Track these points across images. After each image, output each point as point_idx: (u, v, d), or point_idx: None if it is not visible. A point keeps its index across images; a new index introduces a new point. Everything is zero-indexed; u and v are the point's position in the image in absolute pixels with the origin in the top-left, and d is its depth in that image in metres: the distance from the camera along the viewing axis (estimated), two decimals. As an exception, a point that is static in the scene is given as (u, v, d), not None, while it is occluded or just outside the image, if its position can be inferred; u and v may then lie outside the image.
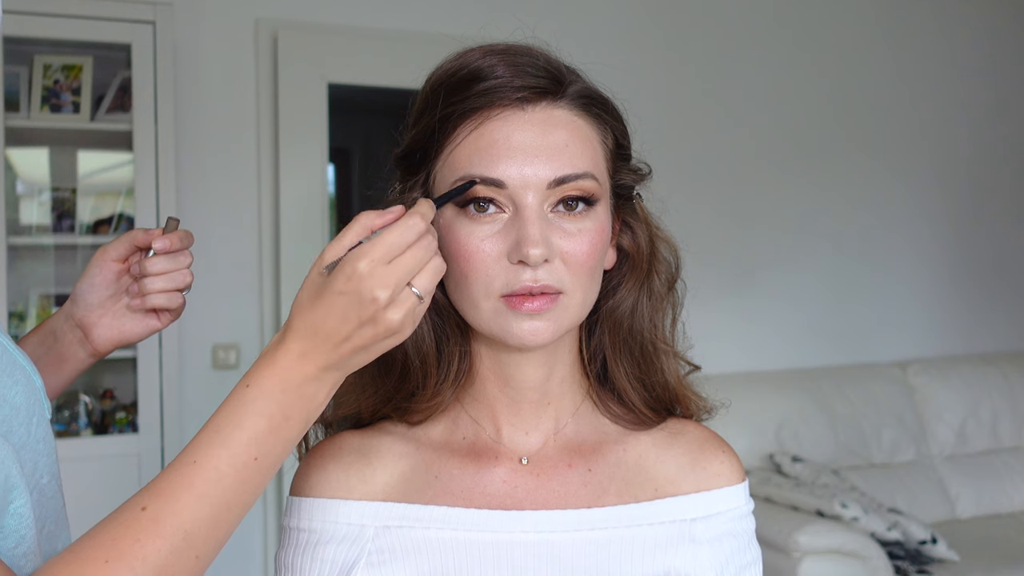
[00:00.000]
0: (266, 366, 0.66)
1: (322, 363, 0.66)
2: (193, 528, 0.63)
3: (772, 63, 3.50)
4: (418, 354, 0.80)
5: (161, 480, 0.64)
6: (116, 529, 0.62)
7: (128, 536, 0.61)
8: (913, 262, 3.75)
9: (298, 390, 0.66)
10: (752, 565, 0.81)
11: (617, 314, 0.82)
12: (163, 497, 0.63)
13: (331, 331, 0.65)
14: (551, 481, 0.79)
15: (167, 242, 0.88)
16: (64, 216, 2.68)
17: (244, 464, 0.64)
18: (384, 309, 0.64)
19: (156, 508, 0.62)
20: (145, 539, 0.61)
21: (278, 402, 0.65)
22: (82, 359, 0.95)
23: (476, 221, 0.74)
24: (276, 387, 0.65)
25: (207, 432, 0.65)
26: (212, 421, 0.66)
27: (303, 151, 2.85)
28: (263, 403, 0.65)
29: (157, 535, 0.62)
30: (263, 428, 0.65)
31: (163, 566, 0.61)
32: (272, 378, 0.65)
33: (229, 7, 2.83)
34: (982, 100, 3.89)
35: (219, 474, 0.64)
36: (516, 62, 0.75)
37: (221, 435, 0.64)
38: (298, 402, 0.66)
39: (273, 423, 0.65)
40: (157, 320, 0.94)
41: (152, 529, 0.62)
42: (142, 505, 0.63)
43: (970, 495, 3.34)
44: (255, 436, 0.65)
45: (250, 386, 0.66)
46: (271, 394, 0.65)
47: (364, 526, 0.77)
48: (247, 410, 0.65)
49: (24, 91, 2.58)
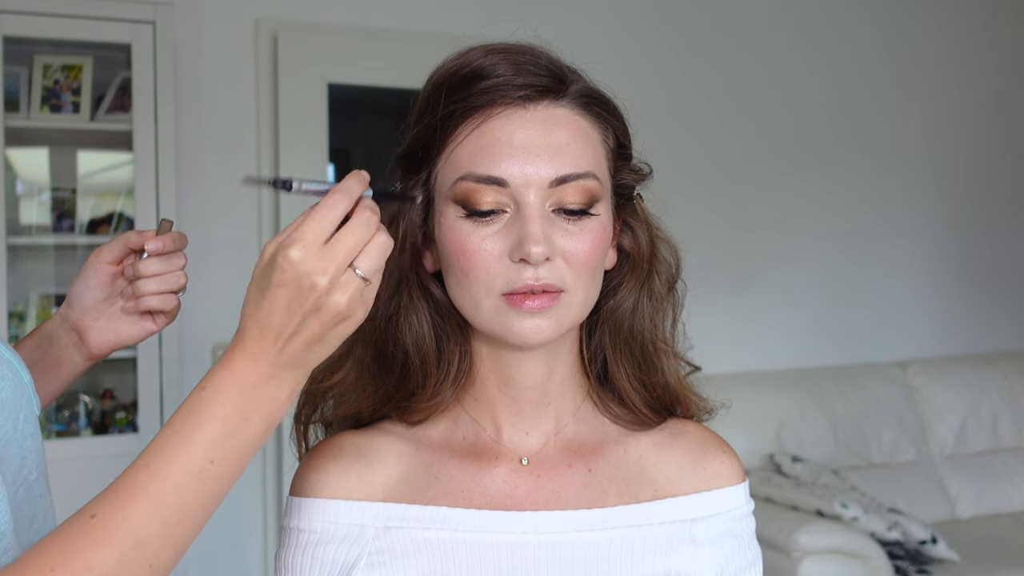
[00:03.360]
0: (222, 369, 0.64)
1: (275, 362, 0.64)
2: (145, 535, 0.60)
3: (772, 63, 3.50)
4: (418, 353, 0.80)
5: (113, 487, 0.62)
6: (64, 539, 0.60)
7: (76, 545, 0.59)
8: (913, 262, 3.75)
9: (256, 392, 0.64)
10: (752, 565, 0.81)
11: (618, 314, 0.82)
12: (114, 505, 0.61)
13: (277, 328, 0.63)
14: (551, 482, 0.79)
15: (160, 244, 0.88)
16: (64, 216, 2.67)
17: (200, 468, 0.62)
18: (327, 295, 0.62)
19: (106, 516, 0.60)
20: (93, 547, 0.59)
21: (235, 405, 0.63)
22: (78, 362, 0.94)
23: (477, 221, 0.74)
24: (233, 390, 0.63)
25: (161, 437, 0.63)
26: (168, 426, 0.64)
27: (303, 151, 2.85)
28: (218, 407, 0.63)
29: (105, 543, 0.59)
30: (219, 431, 0.63)
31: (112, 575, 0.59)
32: (227, 381, 0.64)
33: (229, 7, 2.82)
34: (981, 100, 3.89)
35: (172, 479, 0.61)
36: (518, 61, 0.75)
37: (176, 438, 0.62)
38: (257, 404, 0.64)
39: (230, 426, 0.63)
40: (152, 322, 0.93)
41: (101, 537, 0.59)
42: (91, 513, 0.60)
43: (970, 495, 3.34)
44: (211, 439, 0.63)
45: (206, 389, 0.64)
46: (228, 397, 0.63)
47: (364, 526, 0.77)
48: (203, 415, 0.63)
49: (24, 91, 2.58)
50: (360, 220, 0.63)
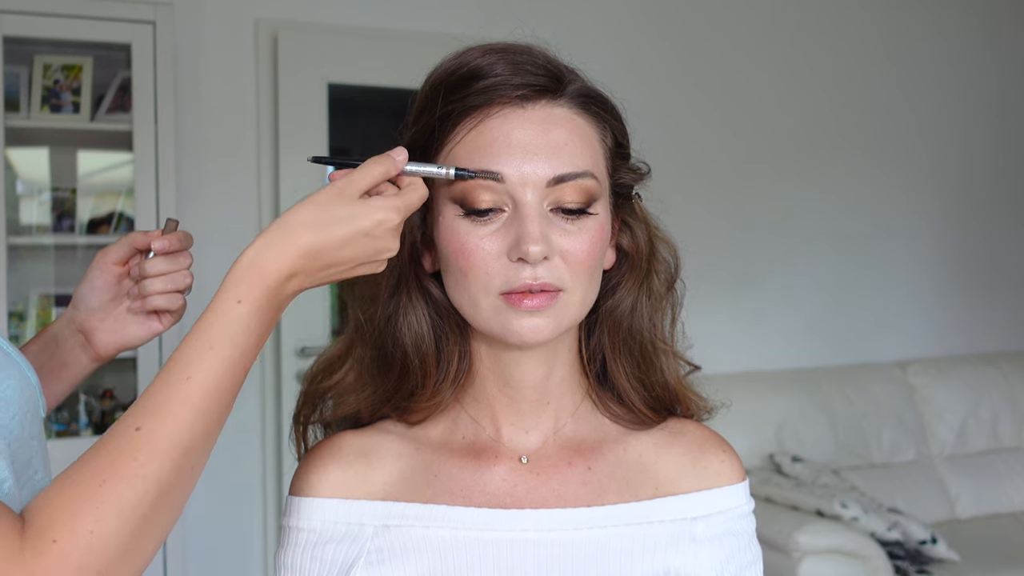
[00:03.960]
0: (258, 281, 0.67)
1: (306, 284, 0.69)
2: (190, 443, 0.63)
3: (772, 63, 3.50)
4: (417, 353, 0.80)
5: (153, 397, 0.64)
6: (111, 451, 0.61)
7: (125, 455, 0.61)
8: (913, 262, 3.75)
9: (279, 306, 0.68)
10: (752, 564, 0.81)
11: (616, 314, 0.82)
12: (159, 415, 0.63)
13: (335, 261, 0.68)
14: (551, 480, 0.79)
15: (166, 243, 0.88)
16: (64, 216, 2.67)
17: (233, 378, 0.66)
18: (380, 263, 0.71)
19: (151, 426, 0.62)
20: (143, 458, 0.61)
21: (264, 319, 0.67)
22: (84, 364, 0.94)
23: (475, 220, 0.74)
24: (265, 304, 0.67)
25: (200, 347, 0.65)
26: (202, 335, 0.65)
27: (303, 151, 2.84)
28: (255, 322, 0.66)
29: (155, 452, 0.61)
30: (252, 344, 0.67)
31: (165, 482, 0.62)
32: (264, 295, 0.67)
33: (229, 7, 2.83)
34: (981, 100, 3.89)
35: (216, 389, 0.65)
36: (515, 60, 0.75)
37: (215, 351, 0.65)
38: (275, 317, 0.69)
39: (258, 337, 0.67)
40: (159, 322, 0.93)
41: (150, 447, 0.61)
42: (136, 426, 0.62)
43: (970, 495, 3.34)
44: (245, 352, 0.66)
45: (242, 302, 0.66)
46: (260, 311, 0.67)
47: (363, 525, 0.77)
48: (241, 327, 0.66)
49: (24, 91, 2.58)
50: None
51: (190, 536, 2.70)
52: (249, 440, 2.82)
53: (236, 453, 2.78)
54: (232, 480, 2.77)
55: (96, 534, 0.58)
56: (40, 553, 0.57)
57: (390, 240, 0.70)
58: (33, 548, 0.57)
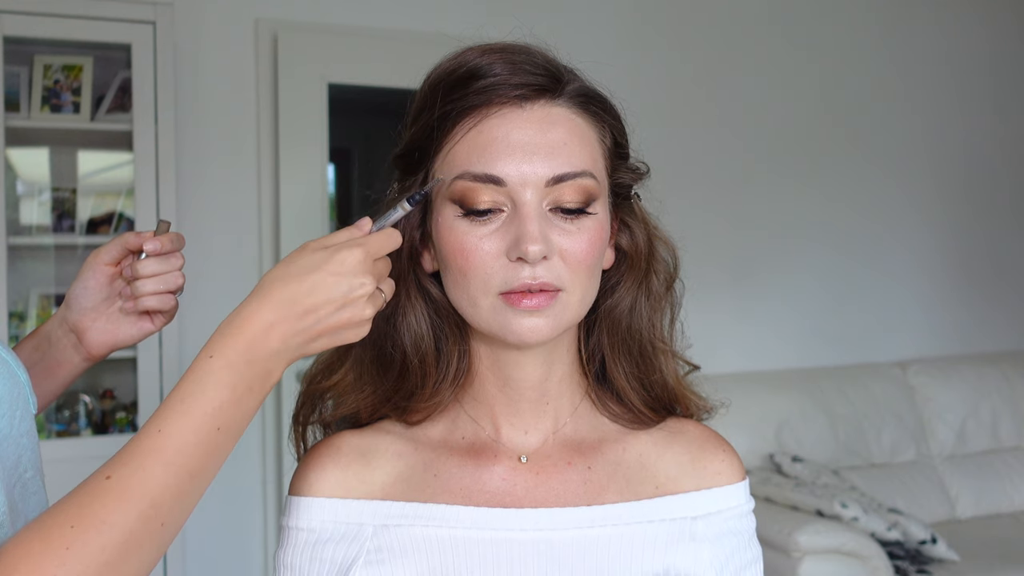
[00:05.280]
0: (232, 336, 0.67)
1: (288, 338, 0.67)
2: (159, 495, 0.63)
3: (771, 62, 3.50)
4: (417, 353, 0.80)
5: (126, 450, 0.64)
6: (82, 498, 0.62)
7: (94, 503, 0.61)
8: (913, 262, 3.75)
9: (263, 363, 0.67)
10: (752, 564, 0.81)
11: (615, 313, 0.82)
12: (129, 466, 0.63)
13: (309, 307, 0.67)
14: (550, 479, 0.79)
15: (158, 244, 0.88)
16: (64, 216, 2.67)
17: (208, 434, 0.65)
18: (364, 299, 0.69)
19: (122, 476, 0.63)
20: (111, 505, 0.61)
21: (241, 374, 0.66)
22: (77, 363, 0.95)
23: (474, 220, 0.74)
24: (241, 359, 0.66)
25: (172, 402, 0.66)
26: (177, 391, 0.66)
27: (303, 151, 2.85)
28: (227, 375, 0.66)
29: (124, 501, 0.62)
30: (227, 399, 0.66)
31: (130, 531, 0.62)
32: (238, 349, 0.66)
33: (229, 7, 2.83)
34: (981, 100, 3.89)
35: (185, 443, 0.64)
36: (514, 60, 0.75)
37: (186, 405, 0.65)
38: (260, 375, 0.67)
39: (236, 394, 0.66)
40: (151, 323, 0.94)
41: (118, 495, 0.62)
42: (107, 475, 0.63)
43: (970, 495, 3.34)
44: (219, 407, 0.66)
45: (214, 357, 0.66)
46: (235, 366, 0.66)
47: (363, 524, 0.77)
48: (211, 381, 0.66)
49: (24, 91, 2.58)
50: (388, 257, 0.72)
51: (190, 536, 2.70)
52: (249, 440, 2.82)
53: (236, 453, 2.77)
54: (232, 480, 2.77)
55: None
56: None
57: (358, 276, 0.68)
58: None
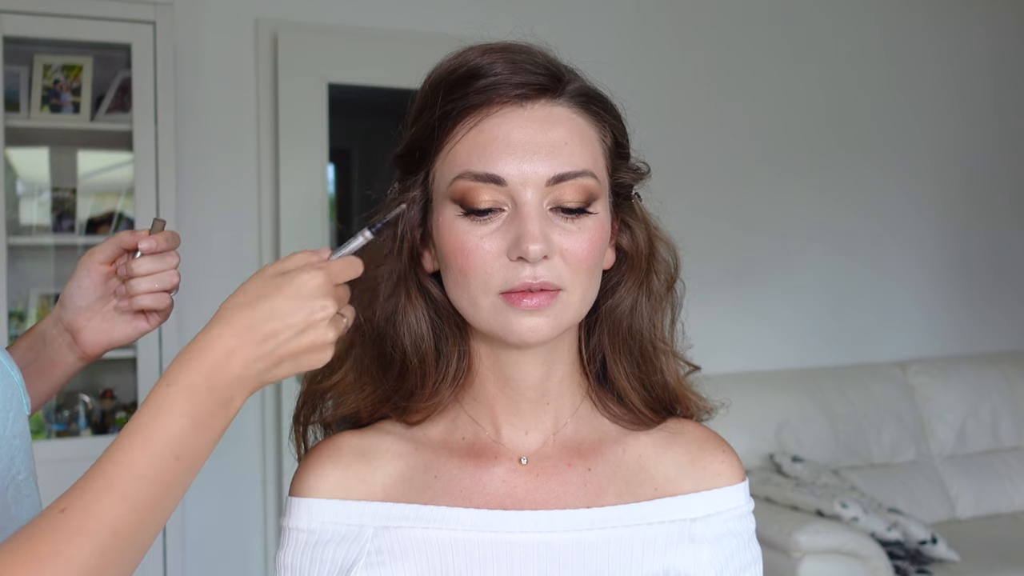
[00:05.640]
0: (192, 362, 0.65)
1: (249, 364, 0.65)
2: (117, 527, 0.61)
3: (772, 63, 3.50)
4: (416, 353, 0.80)
5: (81, 483, 0.62)
6: (35, 533, 0.60)
7: (48, 537, 0.59)
8: (913, 262, 3.75)
9: (223, 390, 0.65)
10: (752, 565, 0.81)
11: (616, 314, 0.82)
12: (84, 498, 0.61)
13: (269, 332, 0.65)
14: (550, 481, 0.79)
15: (153, 242, 0.88)
16: (64, 216, 2.67)
17: (166, 463, 0.63)
18: (324, 322, 0.67)
19: (76, 509, 0.61)
20: (67, 538, 0.60)
21: (201, 401, 0.64)
22: (71, 363, 0.94)
23: (475, 219, 0.74)
24: (200, 386, 0.64)
25: (129, 432, 0.64)
26: (134, 421, 0.64)
27: (303, 151, 2.85)
28: (185, 403, 0.64)
29: (80, 534, 0.60)
30: (187, 427, 0.64)
31: (87, 564, 0.60)
32: (196, 376, 0.65)
33: (229, 7, 2.82)
34: (981, 100, 3.89)
35: (140, 474, 0.62)
36: (515, 59, 0.75)
37: (142, 435, 0.63)
38: (221, 403, 0.65)
39: (196, 421, 0.64)
40: (146, 322, 0.93)
41: (75, 529, 0.60)
42: (61, 508, 0.61)
43: (970, 495, 3.34)
44: (177, 436, 0.64)
45: (171, 386, 0.64)
46: (195, 393, 0.64)
47: (363, 526, 0.77)
48: (169, 410, 0.64)
49: (24, 91, 2.58)
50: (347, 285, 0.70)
51: (190, 536, 2.70)
52: (249, 440, 2.82)
53: (236, 453, 2.78)
54: (232, 480, 2.77)
55: None
56: None
57: (319, 299, 0.66)
58: None
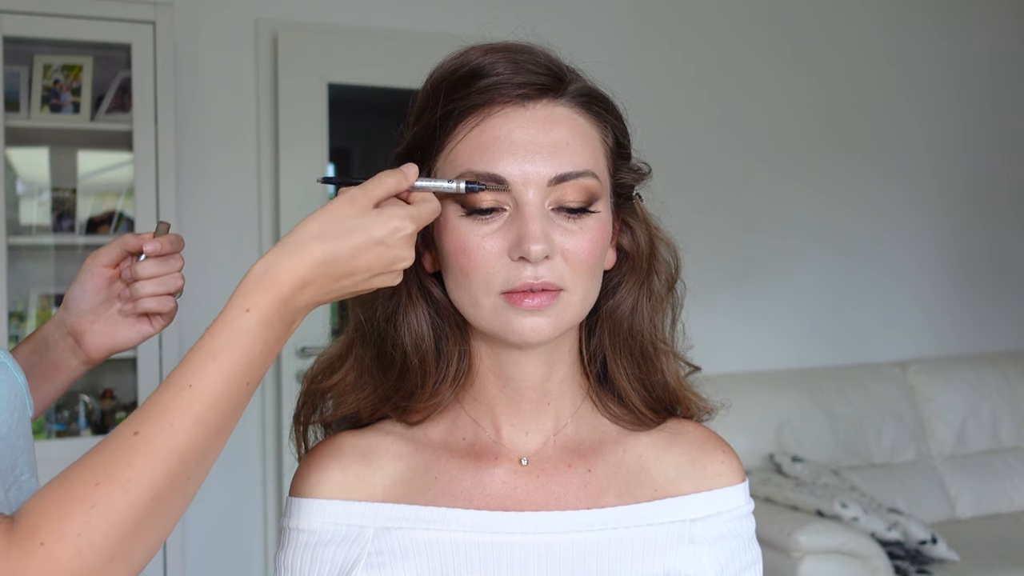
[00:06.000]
0: (267, 291, 0.66)
1: (320, 296, 0.68)
2: (187, 452, 0.62)
3: (772, 63, 3.50)
4: (417, 353, 0.80)
5: (153, 405, 0.63)
6: (108, 454, 0.61)
7: (120, 460, 0.60)
8: (913, 262, 3.75)
9: (291, 316, 0.67)
10: (752, 565, 0.81)
11: (617, 314, 0.82)
12: (158, 422, 0.62)
13: (347, 271, 0.67)
14: (551, 482, 0.79)
15: (157, 245, 0.88)
16: (64, 216, 2.67)
17: (238, 389, 0.65)
18: (399, 273, 0.70)
19: (150, 433, 0.61)
20: (138, 462, 0.60)
21: (274, 330, 0.66)
22: (75, 367, 0.94)
23: (477, 219, 0.74)
24: (275, 315, 0.66)
25: (202, 356, 0.64)
26: (207, 344, 0.65)
27: (303, 151, 2.85)
28: (262, 331, 0.65)
29: (151, 457, 0.61)
30: (259, 354, 0.66)
31: (157, 489, 0.61)
32: (273, 305, 0.66)
33: (229, 7, 2.82)
34: (981, 100, 3.89)
35: (216, 399, 0.63)
36: (516, 59, 0.75)
37: (218, 361, 0.64)
38: (286, 328, 0.67)
39: (267, 348, 0.66)
40: (150, 325, 0.92)
41: (146, 452, 0.61)
42: (134, 430, 0.62)
43: (970, 495, 3.34)
44: (251, 362, 0.65)
45: (251, 311, 0.65)
46: (270, 322, 0.66)
47: (364, 527, 0.77)
48: (246, 337, 0.65)
49: (24, 91, 2.58)
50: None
51: (190, 536, 2.70)
52: (249, 440, 2.82)
53: (236, 453, 2.78)
54: (232, 480, 2.77)
55: (84, 537, 0.57)
56: (27, 553, 0.56)
57: (405, 249, 0.69)
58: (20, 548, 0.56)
